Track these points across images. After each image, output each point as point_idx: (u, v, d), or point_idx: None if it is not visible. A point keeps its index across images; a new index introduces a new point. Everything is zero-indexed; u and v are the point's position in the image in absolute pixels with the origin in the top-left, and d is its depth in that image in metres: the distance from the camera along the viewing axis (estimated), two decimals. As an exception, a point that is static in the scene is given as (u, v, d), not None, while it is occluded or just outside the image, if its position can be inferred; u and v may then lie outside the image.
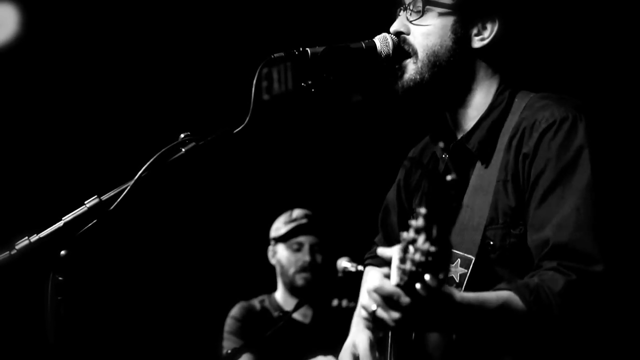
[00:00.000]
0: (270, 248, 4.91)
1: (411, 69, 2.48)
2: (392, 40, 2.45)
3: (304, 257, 4.75)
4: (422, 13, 2.48)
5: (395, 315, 2.00)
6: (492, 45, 2.50)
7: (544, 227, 2.29)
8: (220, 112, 2.40)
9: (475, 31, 2.50)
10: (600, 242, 2.25)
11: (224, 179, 5.27)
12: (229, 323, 4.92)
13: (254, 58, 2.28)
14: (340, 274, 4.58)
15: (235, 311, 4.96)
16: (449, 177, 1.82)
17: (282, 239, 4.82)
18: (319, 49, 2.35)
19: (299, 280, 4.78)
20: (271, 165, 5.55)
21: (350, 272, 4.39)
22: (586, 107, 2.43)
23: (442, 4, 2.48)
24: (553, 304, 2.20)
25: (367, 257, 3.05)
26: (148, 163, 2.17)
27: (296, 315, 4.80)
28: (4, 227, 2.41)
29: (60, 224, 2.12)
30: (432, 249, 1.83)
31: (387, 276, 2.01)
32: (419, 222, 1.84)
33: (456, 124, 2.58)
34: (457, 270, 2.40)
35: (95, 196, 2.15)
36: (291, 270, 4.78)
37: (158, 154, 2.18)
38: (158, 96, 5.36)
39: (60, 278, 2.09)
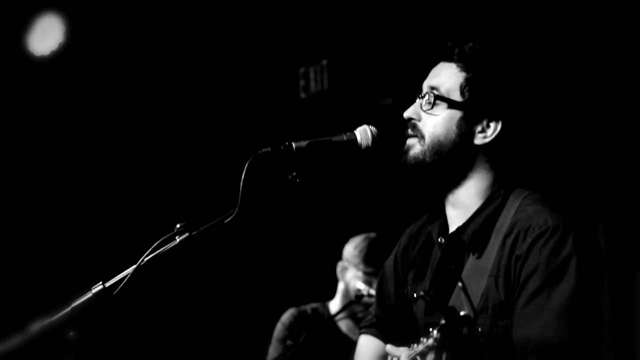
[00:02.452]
0: (341, 264, 4.95)
1: (417, 149, 2.73)
2: (372, 132, 2.65)
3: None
4: (433, 105, 2.72)
5: None
6: (494, 143, 2.72)
7: (529, 325, 2.52)
8: (214, 201, 2.61)
9: (479, 128, 2.72)
10: (579, 344, 2.49)
11: (219, 263, 5.54)
12: (278, 329, 5.00)
13: (244, 151, 2.53)
14: (353, 296, 4.75)
15: (285, 317, 5.04)
16: (462, 313, 2.06)
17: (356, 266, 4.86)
18: (303, 143, 2.55)
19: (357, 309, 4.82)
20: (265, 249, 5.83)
21: (362, 295, 4.57)
22: (576, 217, 2.64)
23: (451, 101, 2.71)
24: None
25: (362, 325, 3.25)
26: (148, 252, 2.41)
27: (344, 329, 4.93)
28: (20, 312, 2.65)
29: (69, 309, 2.34)
30: None
31: None
32: (429, 342, 2.08)
33: (451, 206, 2.79)
34: (439, 322, 2.60)
35: (100, 282, 2.37)
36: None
37: (156, 243, 2.42)
38: (156, 187, 5.66)
39: (71, 356, 2.34)
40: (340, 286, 4.98)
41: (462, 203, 2.76)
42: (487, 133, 2.72)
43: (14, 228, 5.47)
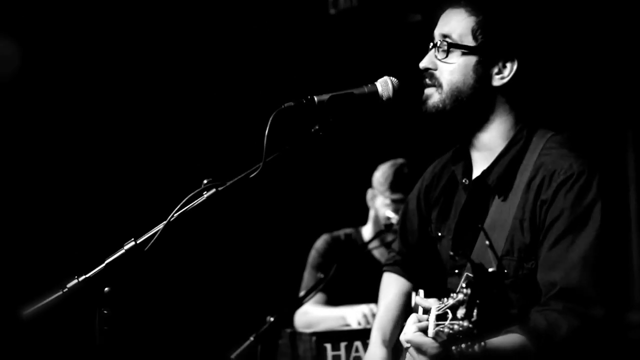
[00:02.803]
0: (371, 192, 5.01)
1: (435, 98, 2.77)
2: (392, 83, 2.68)
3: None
4: (447, 53, 2.75)
5: (424, 359, 2.39)
6: (511, 83, 2.76)
7: (554, 269, 2.58)
8: (240, 155, 2.67)
9: (495, 70, 2.75)
10: (601, 289, 2.54)
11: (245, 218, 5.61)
12: (312, 255, 5.10)
13: (268, 105, 2.58)
14: (383, 223, 4.82)
15: (318, 243, 5.12)
16: (490, 269, 2.12)
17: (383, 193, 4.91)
18: (325, 97, 2.59)
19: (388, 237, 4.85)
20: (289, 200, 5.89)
21: (392, 223, 4.64)
22: (599, 161, 2.68)
23: (465, 46, 2.75)
24: (558, 350, 2.49)
25: (385, 263, 3.32)
26: (177, 208, 2.48)
27: (377, 256, 4.97)
28: (56, 270, 2.73)
29: (103, 265, 2.42)
30: (470, 326, 2.14)
31: (423, 330, 2.36)
32: (459, 297, 2.15)
33: (475, 149, 2.85)
34: (468, 276, 2.66)
35: (132, 239, 2.45)
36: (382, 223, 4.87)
37: (185, 199, 2.49)
38: (182, 143, 5.74)
39: (105, 311, 2.40)
40: (371, 213, 5.06)
41: (486, 146, 2.81)
42: (504, 73, 2.75)
43: (53, 187, 5.59)
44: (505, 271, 2.68)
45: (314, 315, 4.94)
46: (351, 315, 4.73)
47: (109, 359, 2.40)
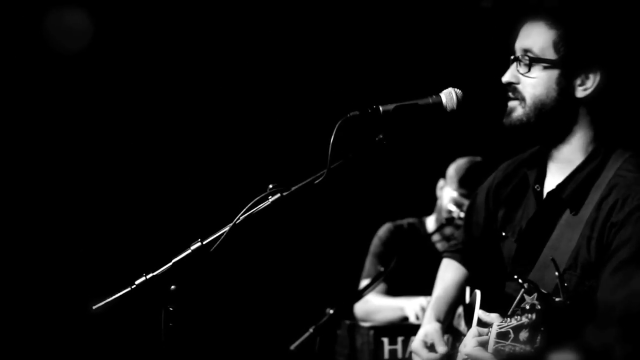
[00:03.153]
0: (442, 181, 5.01)
1: (519, 111, 2.80)
2: (457, 94, 2.72)
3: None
4: (529, 67, 2.78)
5: None
6: (594, 95, 2.77)
7: (614, 294, 2.58)
8: (304, 162, 2.74)
9: (578, 82, 2.77)
10: None
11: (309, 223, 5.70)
12: (374, 243, 5.12)
13: (333, 114, 2.64)
14: (444, 216, 4.84)
15: (381, 231, 5.14)
16: (557, 299, 2.17)
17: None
18: (390, 107, 2.64)
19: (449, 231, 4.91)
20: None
21: (453, 217, 4.67)
22: None
23: (547, 60, 2.76)
24: None
25: (446, 249, 3.36)
26: (243, 211, 2.56)
27: (439, 247, 5.00)
28: (126, 267, 2.84)
29: (170, 264, 2.51)
30: (531, 352, 2.22)
31: (483, 344, 2.41)
32: (523, 320, 2.22)
33: (552, 159, 2.87)
34: (532, 302, 2.70)
35: (199, 240, 2.54)
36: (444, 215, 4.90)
37: (250, 203, 2.57)
38: (251, 149, 5.84)
39: (171, 308, 2.49)
40: (438, 203, 5.06)
41: (565, 158, 2.83)
42: (587, 85, 2.77)
43: (128, 188, 5.77)
44: (566, 285, 2.70)
45: (373, 304, 4.99)
46: (409, 307, 4.77)
47: (173, 353, 2.50)
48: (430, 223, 5.12)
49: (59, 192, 5.66)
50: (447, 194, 4.93)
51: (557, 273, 2.52)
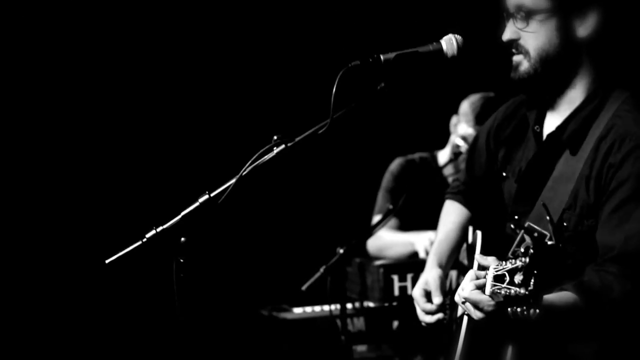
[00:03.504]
0: (455, 118, 5.05)
1: (525, 65, 2.81)
2: (457, 40, 2.72)
3: None
4: (526, 22, 2.78)
5: (479, 314, 2.48)
6: (595, 35, 2.77)
7: (613, 233, 2.63)
8: (307, 113, 2.77)
9: (577, 22, 2.77)
10: None
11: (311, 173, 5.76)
12: (386, 178, 5.18)
13: (334, 64, 2.66)
14: (453, 150, 4.87)
15: (393, 166, 5.19)
16: (550, 243, 2.23)
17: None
18: (391, 55, 2.65)
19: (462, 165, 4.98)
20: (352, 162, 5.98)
21: (461, 152, 4.70)
22: None
23: (542, 10, 2.76)
24: (608, 310, 2.57)
25: (449, 190, 3.41)
26: (248, 163, 2.60)
27: (451, 180, 5.04)
28: (136, 222, 2.90)
29: (179, 217, 2.56)
30: (526, 294, 2.25)
31: (480, 287, 2.45)
32: (517, 264, 2.29)
33: (554, 101, 2.88)
34: (528, 245, 2.75)
35: (206, 192, 2.59)
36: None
37: (256, 155, 2.61)
38: (252, 100, 5.90)
39: (181, 260, 2.55)
40: (451, 139, 5.08)
41: (566, 100, 2.85)
42: (587, 24, 2.76)
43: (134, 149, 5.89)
44: (565, 224, 2.75)
45: (384, 240, 5.05)
46: (419, 242, 4.84)
47: (184, 303, 2.58)
48: (443, 157, 5.14)
49: (72, 148, 5.80)
50: (462, 130, 4.96)
51: (548, 217, 2.56)
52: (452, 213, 3.36)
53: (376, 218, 4.95)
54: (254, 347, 4.92)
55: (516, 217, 2.91)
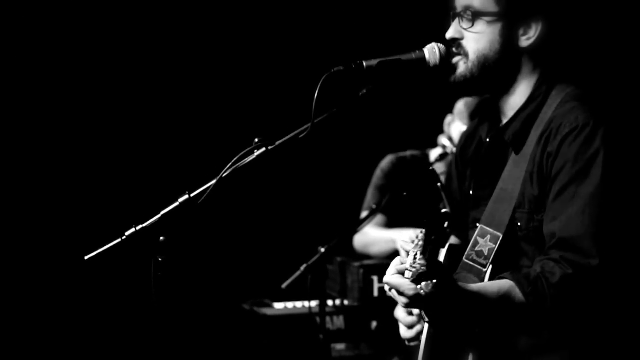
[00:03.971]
0: (450, 117, 5.02)
1: (462, 67, 2.80)
2: (440, 49, 2.75)
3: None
4: (472, 23, 2.78)
5: (404, 300, 2.49)
6: (538, 43, 2.78)
7: (555, 220, 2.64)
8: (288, 117, 2.80)
9: (521, 32, 2.77)
10: (598, 241, 2.58)
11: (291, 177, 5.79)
12: (376, 175, 5.17)
13: (317, 69, 2.69)
14: (439, 150, 4.89)
15: (384, 163, 5.18)
16: (444, 210, 2.25)
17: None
18: (374, 62, 2.68)
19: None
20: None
21: (447, 153, 4.72)
22: (610, 111, 2.70)
23: (489, 13, 2.76)
24: (547, 295, 2.57)
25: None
26: (229, 165, 2.63)
27: (443, 179, 5.12)
28: (116, 220, 2.92)
29: (158, 216, 2.58)
30: (424, 264, 2.33)
31: (402, 272, 2.49)
32: (419, 238, 2.30)
33: (502, 111, 2.89)
34: (486, 245, 2.78)
35: (186, 192, 2.61)
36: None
37: (237, 157, 2.63)
38: (235, 102, 5.95)
39: (160, 258, 2.57)
40: (440, 138, 5.07)
41: (511, 105, 2.85)
42: (530, 34, 2.77)
43: (117, 146, 5.91)
44: (519, 224, 2.75)
45: (369, 236, 5.08)
46: (399, 238, 4.86)
47: (163, 301, 2.60)
48: (434, 155, 5.14)
49: (54, 146, 5.80)
50: (457, 128, 4.96)
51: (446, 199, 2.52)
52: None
53: (364, 214, 4.98)
54: (234, 342, 4.96)
55: (476, 224, 2.92)
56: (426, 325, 2.83)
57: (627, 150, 2.69)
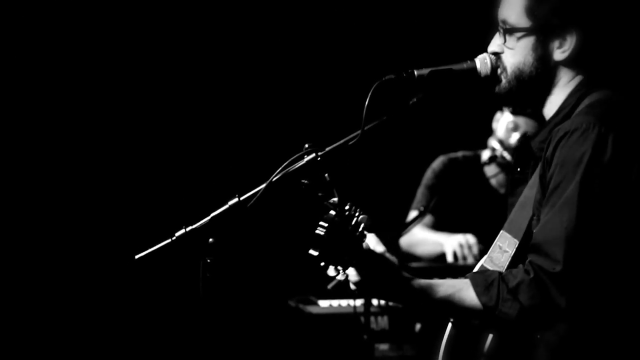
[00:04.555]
0: (498, 113, 4.97)
1: (503, 80, 2.79)
2: (491, 60, 2.76)
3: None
4: (505, 38, 2.77)
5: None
6: (574, 54, 2.74)
7: (537, 227, 2.63)
8: (341, 124, 2.82)
9: (556, 44, 2.74)
10: (567, 246, 2.51)
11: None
12: (427, 175, 5.18)
13: (369, 77, 2.72)
14: (490, 151, 4.86)
15: (435, 163, 5.19)
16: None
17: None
18: (425, 71, 2.70)
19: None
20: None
21: (495, 156, 4.69)
22: (611, 116, 2.63)
23: (522, 28, 2.74)
24: (499, 299, 2.55)
25: None
26: (279, 169, 2.67)
27: (493, 183, 5.08)
28: (169, 221, 2.97)
29: (208, 218, 2.64)
30: None
31: None
32: None
33: (546, 117, 2.86)
34: (504, 250, 2.78)
35: (236, 196, 2.66)
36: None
37: (287, 162, 2.67)
38: (289, 109, 5.99)
39: (209, 260, 2.62)
40: (490, 139, 5.03)
41: (548, 115, 2.82)
42: (565, 47, 2.73)
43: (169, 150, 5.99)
44: (534, 231, 2.70)
45: (416, 237, 5.09)
46: (448, 243, 4.87)
47: (210, 302, 2.65)
48: (486, 156, 5.11)
49: (107, 146, 5.91)
50: (504, 121, 4.92)
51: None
52: None
53: (412, 214, 4.99)
54: (279, 339, 5.00)
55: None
56: (449, 326, 2.85)
57: (621, 154, 2.58)
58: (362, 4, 5.99)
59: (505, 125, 4.90)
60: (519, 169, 2.95)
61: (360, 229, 2.55)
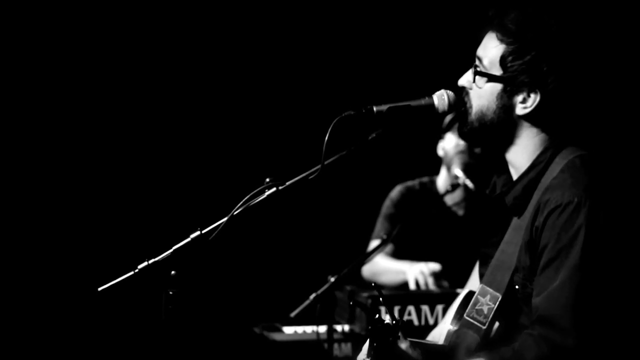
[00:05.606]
0: (440, 142, 5.00)
1: (468, 117, 2.86)
2: (448, 96, 2.82)
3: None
4: (473, 80, 2.83)
5: None
6: (535, 112, 2.79)
7: (538, 295, 2.68)
8: (301, 159, 2.88)
9: (520, 99, 2.79)
10: (577, 320, 2.61)
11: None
12: (386, 205, 5.19)
13: (328, 113, 2.77)
14: (450, 182, 4.91)
15: (393, 193, 5.19)
16: (387, 321, 2.53)
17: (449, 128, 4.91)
18: (384, 107, 2.76)
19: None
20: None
21: (458, 184, 4.75)
22: (597, 187, 2.72)
23: (491, 75, 2.80)
24: None
25: None
26: (240, 203, 2.71)
27: (449, 202, 5.06)
28: (129, 253, 3.00)
29: (170, 250, 2.67)
30: None
31: None
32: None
33: (511, 165, 2.91)
34: (486, 304, 2.83)
35: (198, 229, 2.70)
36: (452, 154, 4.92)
37: (248, 196, 2.71)
38: (248, 145, 6.04)
39: (171, 292, 2.65)
40: (444, 159, 5.07)
41: (515, 164, 2.88)
42: (527, 104, 2.78)
43: (130, 181, 5.99)
44: (517, 287, 2.80)
45: (379, 266, 5.11)
46: (410, 272, 4.91)
47: (172, 333, 2.68)
48: (441, 181, 5.16)
49: (66, 179, 5.87)
50: (449, 141, 4.94)
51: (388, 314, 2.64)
52: None
53: (373, 243, 5.02)
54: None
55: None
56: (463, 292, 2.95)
57: (614, 225, 2.69)
58: (325, 39, 6.06)
59: (456, 148, 4.95)
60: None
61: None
